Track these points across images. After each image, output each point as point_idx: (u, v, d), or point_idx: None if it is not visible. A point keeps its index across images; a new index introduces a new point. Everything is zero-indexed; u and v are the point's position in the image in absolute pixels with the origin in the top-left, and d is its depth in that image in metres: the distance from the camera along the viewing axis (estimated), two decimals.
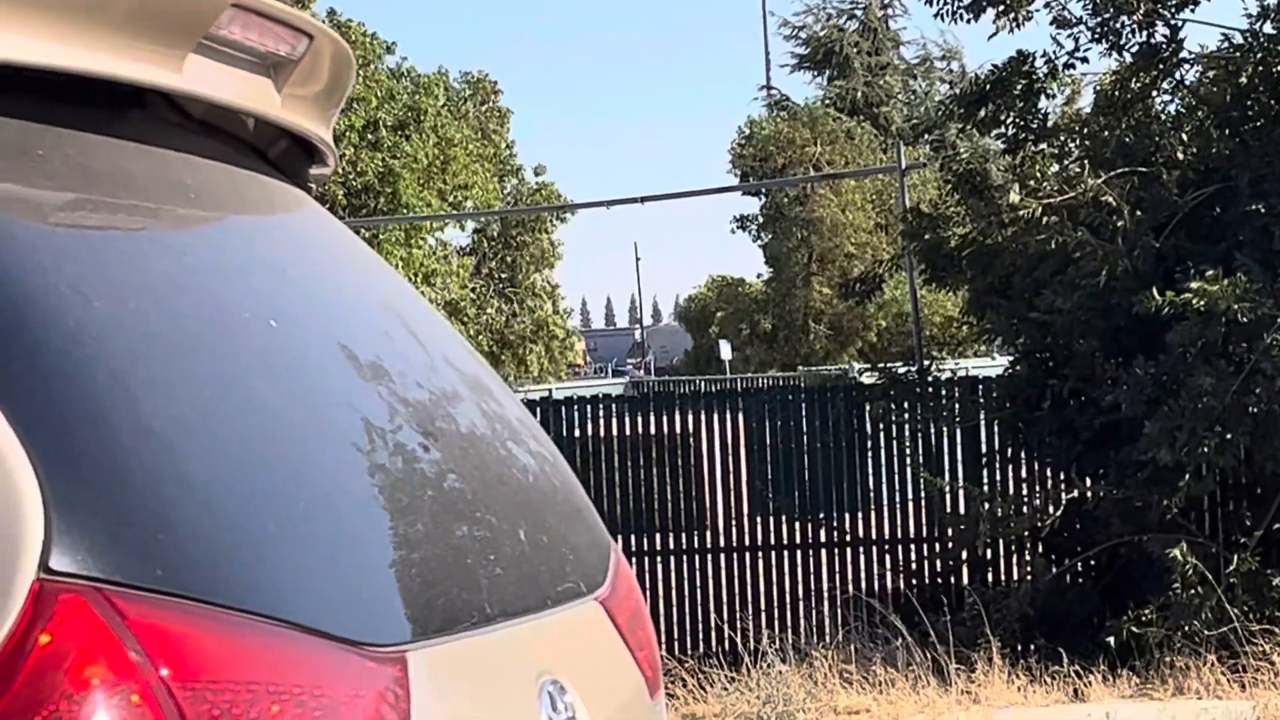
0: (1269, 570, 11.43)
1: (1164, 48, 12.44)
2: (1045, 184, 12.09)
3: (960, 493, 12.98)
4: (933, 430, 13.56)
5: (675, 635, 13.73)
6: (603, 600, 2.91)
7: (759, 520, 14.08)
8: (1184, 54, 12.51)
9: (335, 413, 2.54)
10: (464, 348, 3.15)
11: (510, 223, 36.08)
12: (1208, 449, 10.86)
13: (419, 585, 2.38)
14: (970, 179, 13.00)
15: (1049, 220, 11.75)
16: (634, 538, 13.78)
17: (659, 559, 13.95)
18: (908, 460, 13.66)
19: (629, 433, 14.06)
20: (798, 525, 13.97)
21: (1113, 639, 11.24)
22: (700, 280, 52.29)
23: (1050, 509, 12.16)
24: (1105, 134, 12.45)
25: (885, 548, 13.71)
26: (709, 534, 14.05)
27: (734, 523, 14.06)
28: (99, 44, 2.35)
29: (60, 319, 2.11)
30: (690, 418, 14.22)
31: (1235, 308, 10.74)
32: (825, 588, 13.70)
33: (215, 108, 2.72)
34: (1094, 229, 11.71)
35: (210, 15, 2.51)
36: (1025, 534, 12.52)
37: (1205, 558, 11.33)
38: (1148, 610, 11.22)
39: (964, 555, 13.12)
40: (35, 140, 2.34)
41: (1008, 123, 12.93)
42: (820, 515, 13.88)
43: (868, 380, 14.80)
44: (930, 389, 13.62)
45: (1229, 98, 12.14)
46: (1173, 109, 12.85)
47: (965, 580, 13.18)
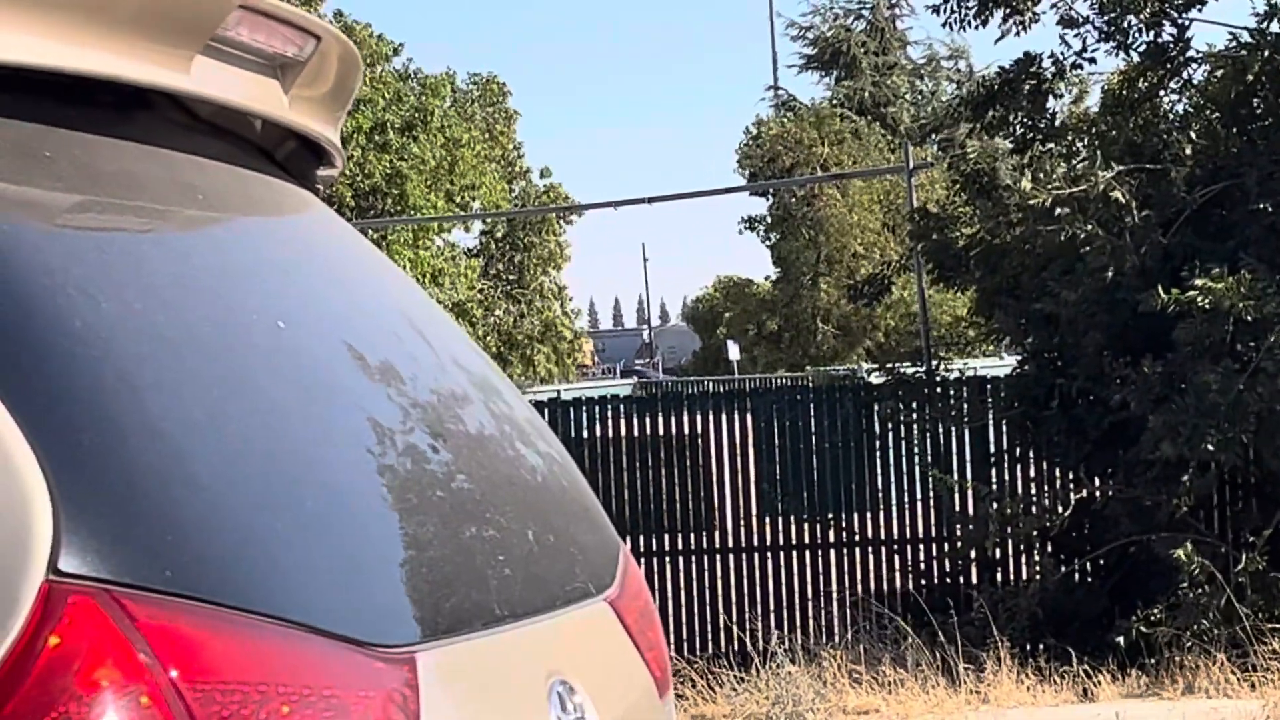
0: (1278, 570, 11.42)
1: (1171, 47, 12.44)
2: (1054, 181, 12.09)
3: (969, 493, 12.98)
4: (941, 430, 13.55)
5: (684, 636, 13.72)
6: (612, 601, 2.90)
7: (768, 520, 14.07)
8: (1191, 53, 12.51)
9: (343, 414, 2.54)
10: (472, 348, 3.15)
11: (518, 224, 36.09)
12: (1211, 445, 10.86)
13: (428, 586, 2.38)
14: (978, 179, 12.99)
15: (1060, 211, 11.74)
16: (643, 538, 13.78)
17: (668, 559, 13.94)
18: (916, 460, 13.65)
19: (637, 433, 14.06)
20: (806, 526, 13.97)
21: (1122, 639, 11.24)
22: (708, 281, 52.24)
23: (1059, 508, 12.16)
24: (1113, 133, 12.45)
25: (894, 548, 13.71)
26: (718, 534, 14.05)
27: (743, 523, 14.06)
28: (106, 45, 2.35)
29: (68, 320, 2.10)
30: (698, 418, 14.22)
31: (1241, 306, 10.74)
32: (834, 588, 13.69)
33: (222, 109, 2.71)
34: (1103, 224, 11.71)
35: (217, 16, 2.51)
36: (1034, 534, 12.51)
37: (1214, 557, 11.33)
38: (1156, 610, 11.22)
39: (973, 555, 13.12)
40: (42, 142, 2.34)
41: (1015, 123, 12.93)
42: (829, 515, 13.88)
43: (876, 380, 14.79)
44: (938, 389, 13.62)
45: (1237, 96, 12.13)
46: (1180, 108, 12.85)
47: (974, 580, 13.18)
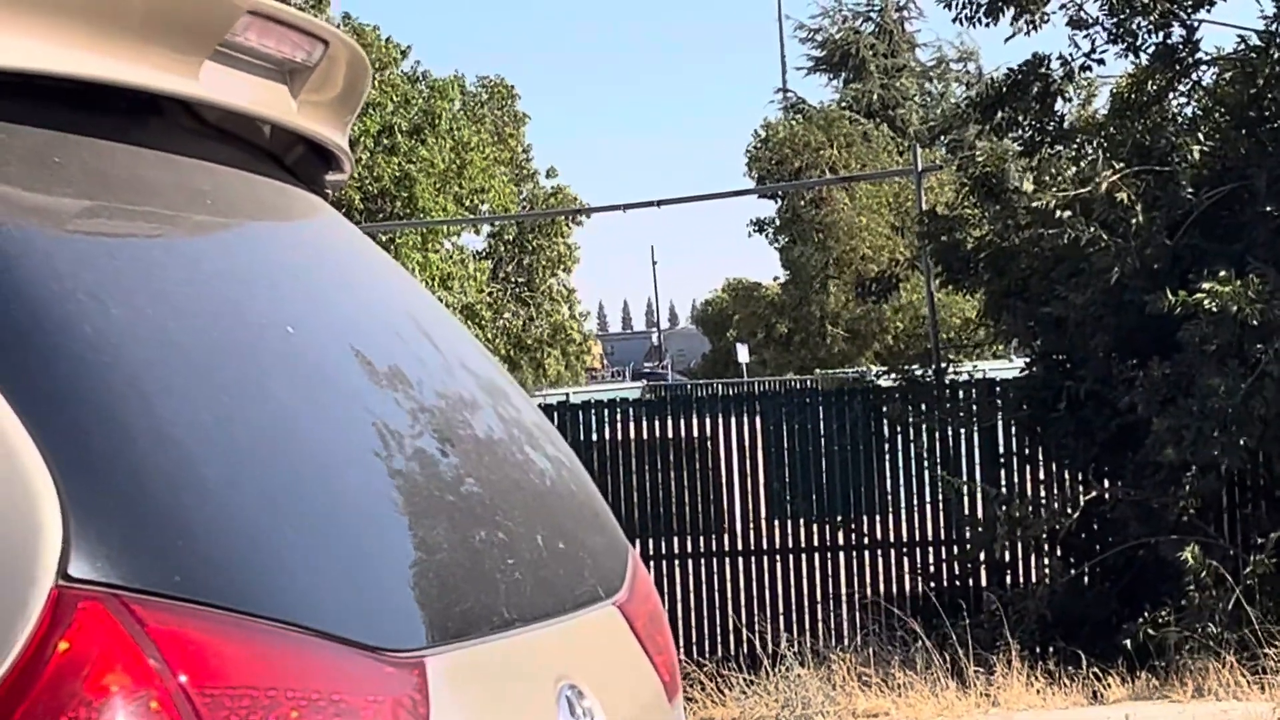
0: None
1: (1180, 49, 12.43)
2: (1062, 183, 12.08)
3: (978, 495, 12.97)
4: (950, 432, 13.54)
5: (694, 639, 13.72)
6: (620, 604, 2.90)
7: (777, 523, 14.06)
8: (1200, 55, 12.50)
9: (352, 418, 2.54)
10: (480, 352, 3.15)
11: (526, 227, 36.09)
12: (1215, 450, 10.86)
13: (437, 590, 2.38)
14: (987, 181, 12.98)
15: (1063, 215, 11.74)
16: (652, 541, 13.78)
17: (677, 562, 13.94)
18: (925, 462, 13.64)
19: (647, 436, 14.05)
20: (815, 528, 13.96)
21: (1129, 642, 11.23)
22: (717, 284, 52.20)
23: (1068, 510, 12.15)
24: (1121, 135, 12.44)
25: (903, 550, 13.70)
26: (727, 537, 14.04)
27: (752, 526, 14.05)
28: (115, 51, 2.36)
29: (78, 326, 2.11)
30: (708, 421, 14.21)
31: (1247, 310, 10.72)
32: (843, 591, 13.68)
33: (231, 114, 2.72)
34: (1108, 225, 11.70)
35: (226, 22, 2.51)
36: (1043, 536, 12.50)
37: (1224, 559, 11.31)
38: (1164, 612, 11.21)
39: (982, 557, 13.10)
40: (52, 147, 2.34)
41: (1024, 124, 12.92)
42: (838, 518, 13.87)
43: (885, 383, 14.78)
44: (947, 391, 13.61)
45: (1246, 99, 12.12)
46: (1189, 111, 12.83)
47: (983, 583, 13.17)
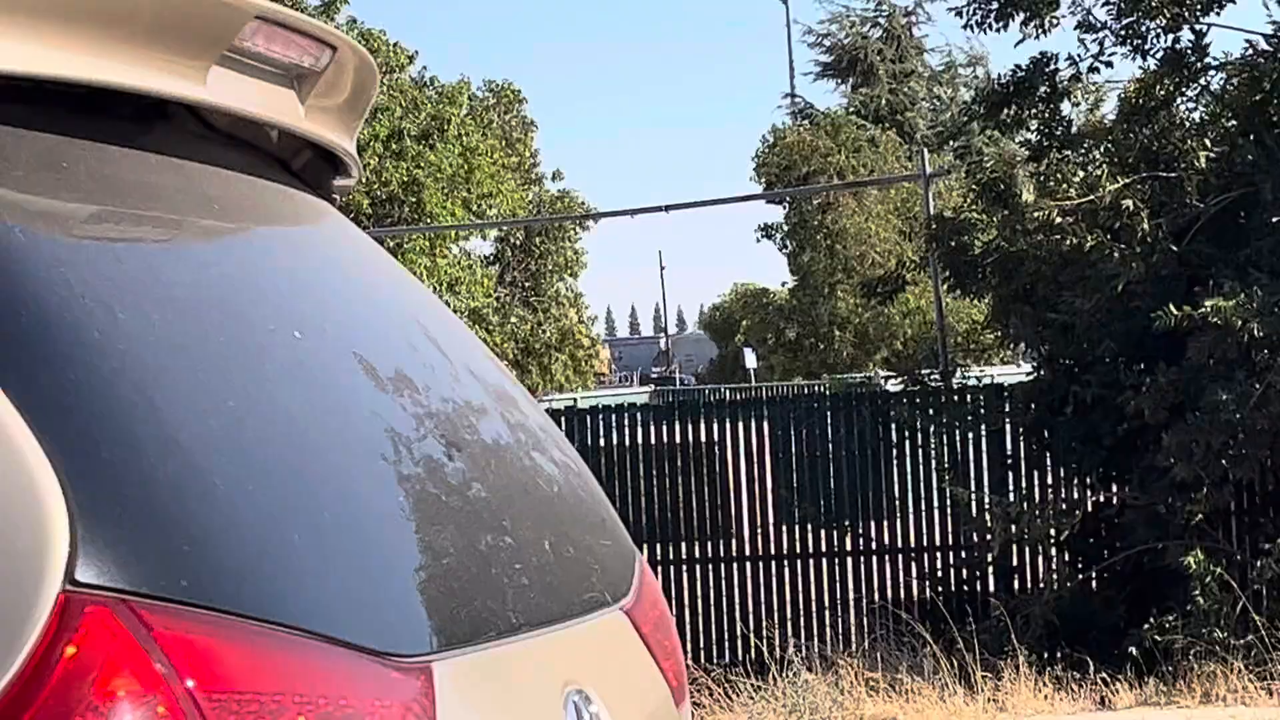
0: None
1: (1189, 53, 12.42)
2: (1069, 189, 12.08)
3: (985, 499, 12.95)
4: (958, 437, 13.53)
5: (701, 644, 13.71)
6: (628, 609, 2.90)
7: (784, 528, 14.05)
8: (1209, 59, 12.48)
9: (360, 424, 2.54)
10: (488, 357, 3.15)
11: (534, 231, 36.09)
12: (1225, 462, 10.85)
13: (444, 595, 2.38)
14: (994, 186, 12.97)
15: (1061, 222, 11.74)
16: (659, 546, 13.77)
17: (684, 568, 13.94)
18: (933, 467, 13.63)
19: (654, 441, 14.05)
20: (823, 533, 13.94)
21: (1137, 647, 11.22)
22: (725, 288, 52.25)
23: (1075, 515, 12.14)
24: (1128, 140, 12.42)
25: (911, 555, 13.68)
26: (734, 542, 14.03)
27: (759, 531, 14.04)
28: (123, 56, 2.36)
29: (85, 331, 2.11)
30: (715, 426, 14.21)
31: (1253, 324, 10.71)
32: (851, 596, 13.67)
33: (239, 119, 2.72)
34: (1113, 232, 11.69)
35: (234, 27, 2.51)
36: (1050, 540, 12.49)
37: (1231, 565, 11.30)
38: (1171, 617, 11.19)
39: (989, 562, 13.09)
40: (60, 153, 2.35)
41: (1031, 127, 12.91)
42: (845, 523, 13.85)
43: (893, 388, 14.77)
44: (955, 395, 13.60)
45: (1253, 104, 12.10)
46: (1197, 116, 12.81)
47: (991, 588, 13.15)
